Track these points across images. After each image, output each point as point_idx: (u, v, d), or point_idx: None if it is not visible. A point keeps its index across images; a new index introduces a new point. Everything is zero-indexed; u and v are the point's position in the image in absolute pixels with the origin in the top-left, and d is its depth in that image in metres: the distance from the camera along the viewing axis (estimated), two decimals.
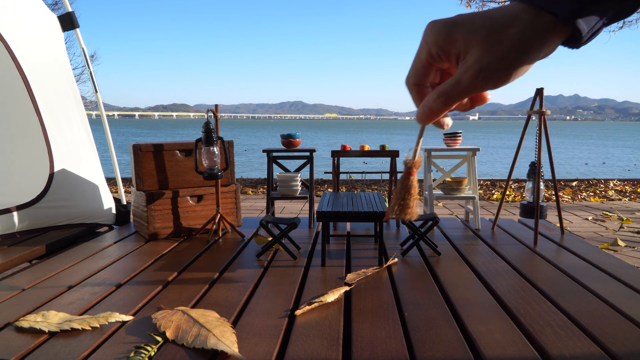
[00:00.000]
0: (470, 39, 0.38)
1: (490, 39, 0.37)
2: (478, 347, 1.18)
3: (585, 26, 0.37)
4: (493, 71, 0.38)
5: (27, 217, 2.31)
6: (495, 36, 0.37)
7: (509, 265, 1.90)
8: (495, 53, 0.37)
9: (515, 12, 0.38)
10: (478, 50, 0.38)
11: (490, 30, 0.38)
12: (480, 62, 0.38)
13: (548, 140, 2.26)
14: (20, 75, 2.27)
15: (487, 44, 0.37)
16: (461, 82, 0.39)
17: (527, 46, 0.37)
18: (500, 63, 0.38)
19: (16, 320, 1.34)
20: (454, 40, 0.39)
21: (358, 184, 6.26)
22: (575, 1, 0.36)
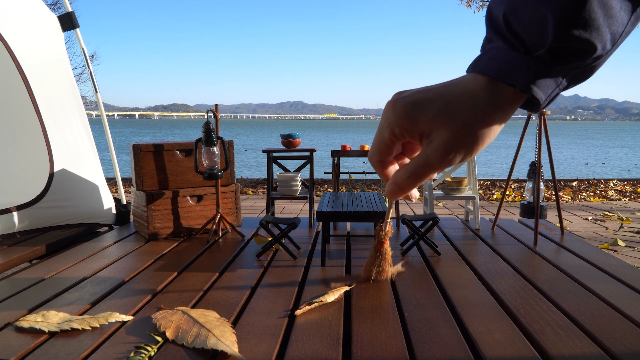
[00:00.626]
0: (434, 122, 0.39)
1: (454, 121, 0.38)
2: (478, 347, 1.18)
3: (542, 94, 0.38)
4: (460, 150, 0.39)
5: (27, 217, 2.31)
6: (460, 117, 0.38)
7: (509, 265, 1.90)
8: (460, 133, 0.39)
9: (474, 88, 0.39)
10: (443, 132, 0.39)
11: (452, 112, 0.39)
12: (447, 143, 0.39)
13: (548, 140, 2.26)
14: (20, 75, 2.27)
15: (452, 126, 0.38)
16: (430, 163, 0.40)
17: (491, 120, 0.39)
18: (465, 141, 0.39)
19: (16, 320, 1.34)
20: (416, 122, 0.40)
21: (358, 184, 6.26)
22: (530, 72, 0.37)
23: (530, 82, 0.37)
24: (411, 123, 0.40)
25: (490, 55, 0.39)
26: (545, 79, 0.38)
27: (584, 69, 0.39)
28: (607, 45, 0.36)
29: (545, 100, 0.39)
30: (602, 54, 0.37)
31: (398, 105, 0.40)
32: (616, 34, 0.36)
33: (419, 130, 0.40)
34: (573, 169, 12.11)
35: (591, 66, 0.38)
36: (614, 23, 0.36)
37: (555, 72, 0.38)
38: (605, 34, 0.36)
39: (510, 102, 0.39)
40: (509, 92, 0.38)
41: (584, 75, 0.40)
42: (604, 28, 0.35)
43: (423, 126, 0.39)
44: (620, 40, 0.38)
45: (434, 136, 0.39)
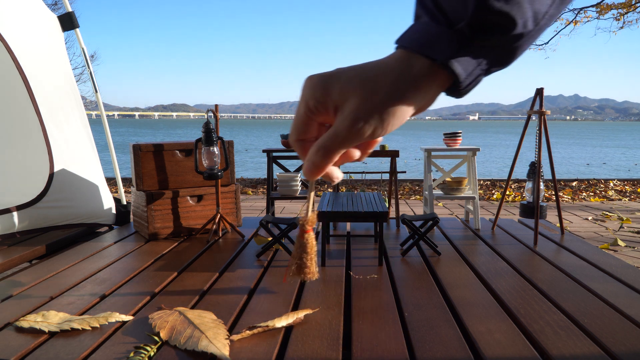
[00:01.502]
0: (346, 90, 0.38)
1: (364, 89, 0.37)
2: (478, 347, 1.18)
3: (462, 70, 0.37)
4: (369, 120, 0.37)
5: (27, 217, 2.31)
6: (370, 85, 0.37)
7: (509, 265, 1.90)
8: (370, 102, 0.37)
9: (391, 60, 0.38)
10: (353, 100, 0.38)
11: (364, 80, 0.38)
12: (356, 112, 0.37)
13: (548, 140, 2.26)
14: (20, 75, 2.27)
15: (362, 94, 0.37)
16: (338, 133, 0.38)
17: (401, 93, 0.37)
18: (375, 112, 0.37)
19: (16, 321, 1.34)
20: (330, 92, 0.38)
21: (358, 184, 6.26)
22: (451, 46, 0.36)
23: (449, 56, 0.36)
24: (324, 94, 0.39)
25: (414, 29, 0.38)
26: (465, 57, 0.37)
27: (505, 50, 0.37)
28: (529, 23, 0.36)
29: (466, 79, 0.37)
30: (523, 32, 0.36)
31: (313, 78, 0.39)
32: (538, 12, 0.36)
33: (333, 102, 0.39)
34: (571, 169, 12.11)
35: (512, 47, 0.37)
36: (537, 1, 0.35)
37: (476, 50, 0.37)
38: (526, 10, 0.35)
39: (425, 76, 0.37)
40: (425, 65, 0.37)
41: (505, 58, 0.38)
42: (526, 4, 0.35)
43: (335, 96, 0.38)
44: (543, 22, 0.37)
45: (345, 106, 0.38)
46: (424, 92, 0.38)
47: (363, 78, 0.38)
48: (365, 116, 0.37)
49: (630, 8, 9.16)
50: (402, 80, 0.37)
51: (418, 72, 0.37)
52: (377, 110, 0.37)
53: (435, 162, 2.74)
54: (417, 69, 0.37)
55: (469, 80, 0.38)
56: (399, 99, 0.37)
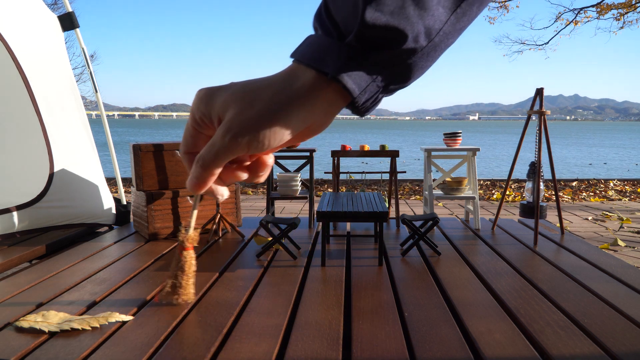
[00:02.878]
0: (228, 101, 0.37)
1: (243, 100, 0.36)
2: (478, 347, 1.18)
3: (354, 85, 0.35)
4: (242, 132, 0.36)
5: (27, 217, 2.31)
6: (249, 97, 0.36)
7: (509, 265, 1.90)
8: (246, 114, 0.36)
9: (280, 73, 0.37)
10: (232, 111, 0.36)
11: (246, 92, 0.37)
12: (231, 122, 0.36)
13: (548, 140, 2.26)
14: (20, 75, 2.27)
15: (240, 105, 0.36)
16: (214, 144, 0.37)
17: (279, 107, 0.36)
18: (250, 124, 0.36)
19: (16, 320, 1.34)
20: (213, 104, 0.38)
21: (358, 184, 6.26)
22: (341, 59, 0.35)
23: (338, 70, 0.35)
24: (208, 106, 0.38)
25: (307, 42, 0.37)
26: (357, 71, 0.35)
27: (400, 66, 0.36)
28: (420, 38, 0.35)
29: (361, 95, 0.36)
30: (416, 47, 0.35)
31: (201, 91, 0.39)
32: (431, 28, 0.35)
33: (216, 113, 0.37)
34: (572, 169, 12.11)
35: (407, 63, 0.36)
36: (428, 16, 0.34)
37: (369, 65, 0.35)
38: (416, 25, 0.34)
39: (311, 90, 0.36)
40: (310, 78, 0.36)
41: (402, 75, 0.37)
42: (415, 18, 0.34)
43: (218, 108, 0.37)
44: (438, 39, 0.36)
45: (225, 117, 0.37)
46: (308, 107, 0.36)
47: (245, 90, 0.37)
48: (239, 128, 0.36)
49: (630, 8, 9.17)
50: (283, 93, 0.36)
51: (302, 85, 0.36)
52: (253, 123, 0.36)
53: (435, 162, 2.74)
54: (301, 83, 0.36)
55: (366, 97, 0.37)
56: (276, 113, 0.36)
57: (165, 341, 1.23)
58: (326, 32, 0.37)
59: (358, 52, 0.35)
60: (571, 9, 10.09)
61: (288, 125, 0.36)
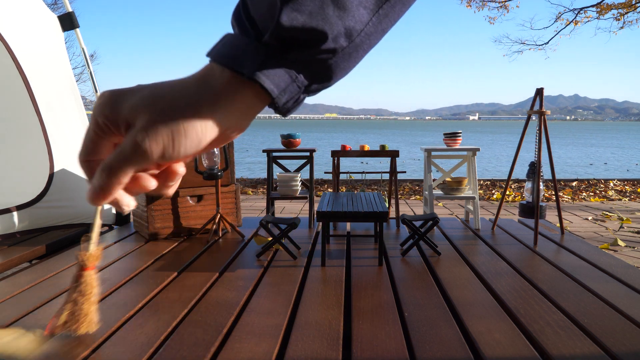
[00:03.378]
0: (136, 107, 0.35)
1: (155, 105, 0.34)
2: (478, 347, 1.18)
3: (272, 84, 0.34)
4: (156, 138, 0.34)
5: (27, 217, 2.31)
6: (162, 102, 0.34)
7: (509, 265, 1.90)
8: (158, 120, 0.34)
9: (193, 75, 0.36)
10: (142, 118, 0.34)
11: (157, 96, 0.35)
12: (142, 129, 0.34)
13: (548, 140, 2.26)
14: (20, 75, 2.27)
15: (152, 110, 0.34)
16: (123, 151, 0.34)
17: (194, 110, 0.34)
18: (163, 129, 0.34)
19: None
20: (119, 109, 0.35)
21: (358, 184, 6.26)
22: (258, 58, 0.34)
23: (255, 70, 0.34)
24: (113, 111, 0.35)
25: (223, 41, 0.36)
26: (275, 69, 0.34)
27: (320, 66, 0.35)
28: (341, 39, 0.34)
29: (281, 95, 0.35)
30: (336, 47, 0.34)
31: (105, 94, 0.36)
32: (352, 29, 0.34)
33: (123, 119, 0.35)
34: (572, 169, 12.11)
35: (328, 63, 0.35)
36: (348, 17, 0.34)
37: (288, 63, 0.35)
38: (335, 25, 0.34)
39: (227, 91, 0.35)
40: (225, 78, 0.35)
41: (323, 75, 0.36)
42: (334, 19, 0.33)
43: (126, 113, 0.35)
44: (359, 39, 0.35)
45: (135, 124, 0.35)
46: (224, 111, 0.35)
47: (156, 95, 0.35)
48: (152, 134, 0.34)
49: (630, 8, 9.17)
50: (197, 98, 0.35)
51: (217, 88, 0.35)
52: (166, 127, 0.34)
53: (435, 162, 2.74)
54: (216, 85, 0.35)
55: (286, 98, 0.36)
56: (191, 117, 0.34)
57: (165, 341, 1.23)
58: (243, 31, 0.36)
59: (276, 51, 0.34)
60: (571, 9, 10.09)
61: (203, 131, 0.35)
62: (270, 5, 0.34)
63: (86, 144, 0.37)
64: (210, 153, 2.24)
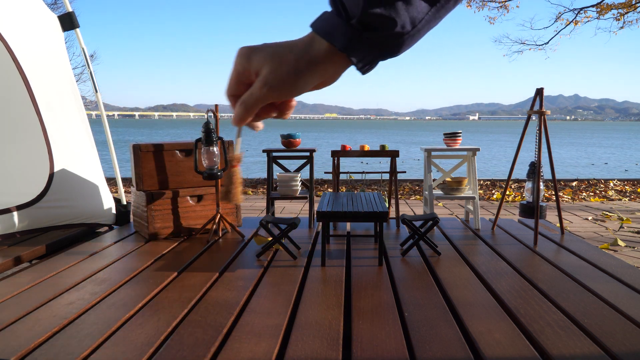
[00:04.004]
0: (262, 61, 0.49)
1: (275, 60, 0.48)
2: (478, 347, 1.18)
3: (356, 58, 0.47)
4: (275, 85, 0.49)
5: (27, 217, 2.31)
6: (278, 59, 0.48)
7: (509, 265, 1.90)
8: (277, 71, 0.48)
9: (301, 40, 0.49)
10: (266, 68, 0.49)
11: (276, 54, 0.49)
12: (266, 77, 0.49)
13: (548, 140, 2.26)
14: (20, 75, 2.27)
15: (273, 64, 0.48)
16: (253, 93, 0.50)
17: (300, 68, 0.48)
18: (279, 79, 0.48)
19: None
20: (251, 62, 0.50)
21: (358, 184, 6.26)
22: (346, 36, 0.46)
23: (344, 44, 0.46)
24: (248, 62, 0.50)
25: (323, 17, 0.49)
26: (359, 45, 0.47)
27: (391, 43, 0.47)
28: (407, 25, 0.46)
29: (360, 62, 0.48)
30: (403, 32, 0.46)
31: (243, 49, 0.51)
32: (415, 18, 0.46)
33: (254, 68, 0.49)
34: (571, 169, 12.11)
35: (398, 41, 0.47)
36: (413, 10, 0.46)
37: (367, 41, 0.47)
38: (404, 16, 0.45)
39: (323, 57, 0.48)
40: (323, 48, 0.47)
41: (393, 49, 0.48)
42: (403, 11, 0.45)
43: (255, 64, 0.49)
44: (420, 25, 0.47)
45: (261, 72, 0.49)
46: (322, 69, 0.48)
47: (275, 53, 0.48)
48: (271, 82, 0.48)
49: (630, 8, 9.16)
50: (302, 57, 0.48)
51: (316, 53, 0.48)
52: (282, 78, 0.48)
53: (435, 162, 2.74)
54: (316, 51, 0.48)
55: (364, 63, 0.49)
56: (298, 72, 0.48)
57: (165, 341, 1.23)
58: (337, 12, 0.47)
59: (360, 31, 0.46)
60: (571, 9, 10.08)
61: (307, 80, 0.49)
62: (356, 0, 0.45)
63: (230, 84, 0.52)
64: (210, 153, 2.24)
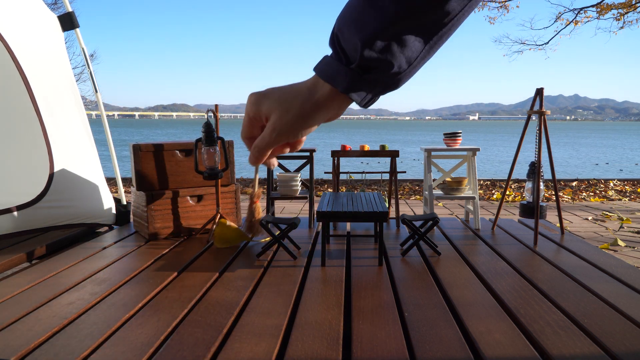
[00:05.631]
0: (270, 107, 0.53)
1: (282, 107, 0.52)
2: (478, 347, 1.18)
3: (357, 96, 0.50)
4: (284, 130, 0.52)
5: (27, 217, 2.31)
6: (286, 106, 0.52)
7: (509, 265, 1.90)
8: (285, 117, 0.52)
9: (304, 85, 0.52)
10: (275, 115, 0.52)
11: (283, 100, 0.52)
12: (275, 124, 0.52)
13: (548, 140, 2.26)
14: (20, 75, 2.27)
15: (280, 111, 0.52)
16: (264, 137, 0.53)
17: (307, 112, 0.51)
18: (288, 125, 0.52)
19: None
20: (261, 108, 0.53)
21: (358, 184, 6.26)
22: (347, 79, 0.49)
23: (347, 87, 0.50)
24: (257, 109, 0.54)
25: (325, 61, 0.52)
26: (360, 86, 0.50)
27: (389, 81, 0.50)
28: (403, 65, 0.49)
29: (362, 101, 0.51)
30: (400, 71, 0.49)
31: (252, 96, 0.54)
32: (410, 58, 0.49)
33: (263, 114, 0.53)
34: (571, 169, 12.11)
35: (394, 79, 0.50)
36: (408, 50, 0.48)
37: (367, 81, 0.50)
38: (400, 58, 0.48)
39: (327, 99, 0.51)
40: (326, 91, 0.51)
41: (391, 86, 0.51)
42: (399, 54, 0.48)
43: (265, 111, 0.53)
44: (416, 62, 0.50)
45: (270, 119, 0.53)
46: (326, 110, 0.52)
47: (282, 99, 0.52)
48: (280, 127, 0.52)
49: (630, 8, 9.16)
50: (308, 101, 0.51)
51: (320, 96, 0.51)
52: (289, 123, 0.52)
53: (435, 162, 2.74)
54: (320, 94, 0.51)
55: (366, 101, 0.52)
56: (305, 116, 0.52)
57: (165, 341, 1.23)
58: (337, 57, 0.51)
59: (359, 74, 0.49)
60: (571, 9, 10.08)
61: (313, 122, 0.53)
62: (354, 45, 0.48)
63: (245, 128, 0.56)
64: (211, 153, 2.24)
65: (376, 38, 0.47)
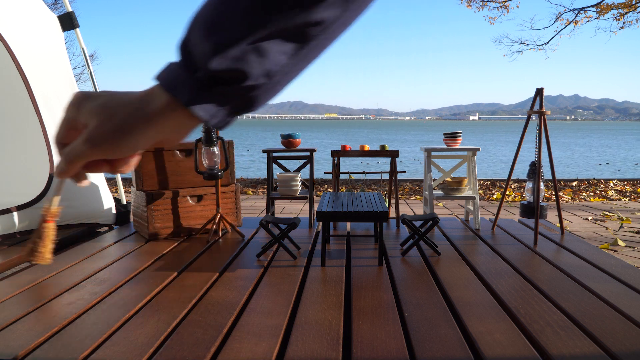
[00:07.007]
0: (92, 112, 0.43)
1: (103, 114, 0.42)
2: (478, 347, 1.18)
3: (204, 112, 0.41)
4: (98, 142, 0.43)
5: (27, 217, 2.31)
6: (107, 113, 0.42)
7: (509, 265, 1.90)
8: (102, 127, 0.42)
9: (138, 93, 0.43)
10: (93, 122, 0.43)
11: (107, 107, 0.43)
12: (90, 133, 0.43)
13: (548, 140, 2.26)
14: (20, 75, 2.27)
15: (100, 118, 0.42)
16: (75, 147, 0.44)
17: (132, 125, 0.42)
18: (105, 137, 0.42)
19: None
20: (79, 111, 0.44)
21: (358, 184, 6.26)
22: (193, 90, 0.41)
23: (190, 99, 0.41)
24: (75, 112, 0.44)
25: (169, 68, 0.43)
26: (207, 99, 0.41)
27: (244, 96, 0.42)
28: (261, 78, 0.41)
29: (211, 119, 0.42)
30: (256, 84, 0.41)
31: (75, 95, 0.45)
32: (270, 71, 0.41)
33: (82, 118, 0.44)
34: (571, 169, 12.11)
35: (250, 95, 0.42)
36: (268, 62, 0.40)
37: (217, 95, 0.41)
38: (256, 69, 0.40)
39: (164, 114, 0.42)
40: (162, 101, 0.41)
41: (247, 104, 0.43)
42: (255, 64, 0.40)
43: (83, 116, 0.43)
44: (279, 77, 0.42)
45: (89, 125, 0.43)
46: (158, 127, 0.42)
47: (106, 105, 0.43)
48: (96, 137, 0.42)
49: (630, 8, 9.16)
50: (136, 113, 0.42)
51: (154, 108, 0.42)
52: (107, 134, 0.42)
53: (435, 162, 2.74)
54: (154, 106, 0.42)
55: (216, 120, 0.42)
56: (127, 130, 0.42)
57: (165, 341, 1.23)
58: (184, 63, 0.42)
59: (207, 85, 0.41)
60: (571, 9, 10.08)
61: (138, 140, 0.43)
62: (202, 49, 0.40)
63: (60, 130, 0.46)
64: (211, 153, 2.24)
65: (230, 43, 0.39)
